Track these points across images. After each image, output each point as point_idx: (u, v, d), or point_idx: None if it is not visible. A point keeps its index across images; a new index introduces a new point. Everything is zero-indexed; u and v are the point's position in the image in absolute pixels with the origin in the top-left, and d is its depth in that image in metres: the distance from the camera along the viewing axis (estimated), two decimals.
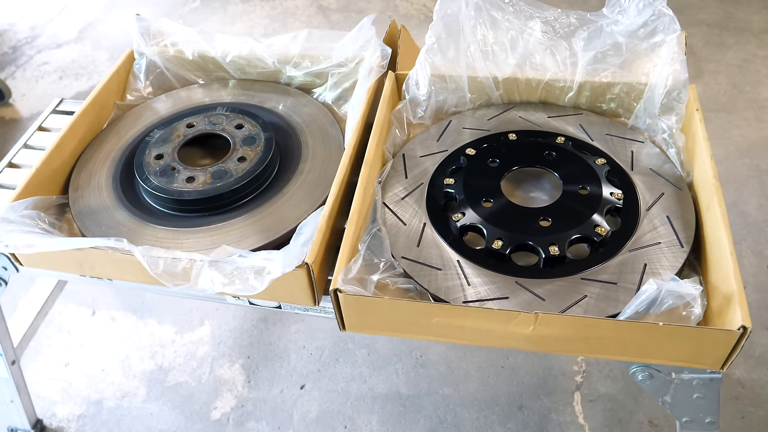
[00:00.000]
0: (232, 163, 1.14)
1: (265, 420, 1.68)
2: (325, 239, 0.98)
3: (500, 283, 0.95)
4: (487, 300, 0.93)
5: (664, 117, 1.12)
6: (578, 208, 1.02)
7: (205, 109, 1.28)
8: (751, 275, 1.92)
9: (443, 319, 0.91)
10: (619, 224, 1.02)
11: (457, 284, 0.96)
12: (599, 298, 0.92)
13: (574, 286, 0.94)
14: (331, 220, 1.00)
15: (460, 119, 1.22)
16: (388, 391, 1.71)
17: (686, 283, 0.86)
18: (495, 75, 1.20)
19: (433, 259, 0.99)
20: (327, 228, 0.99)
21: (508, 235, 0.98)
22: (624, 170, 1.09)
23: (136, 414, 1.71)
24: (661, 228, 1.00)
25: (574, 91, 1.19)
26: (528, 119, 1.20)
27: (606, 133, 1.16)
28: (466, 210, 1.03)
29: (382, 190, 1.10)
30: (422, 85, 1.17)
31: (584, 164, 1.08)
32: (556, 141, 1.13)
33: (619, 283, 0.94)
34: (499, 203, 1.04)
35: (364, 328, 0.97)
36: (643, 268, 0.95)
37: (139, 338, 1.87)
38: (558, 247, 0.96)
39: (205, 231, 1.07)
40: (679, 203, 1.03)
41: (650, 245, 0.98)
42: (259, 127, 1.20)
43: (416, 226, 1.04)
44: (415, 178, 1.12)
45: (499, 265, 0.97)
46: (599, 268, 0.96)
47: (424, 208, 1.06)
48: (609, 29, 1.18)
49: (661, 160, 1.10)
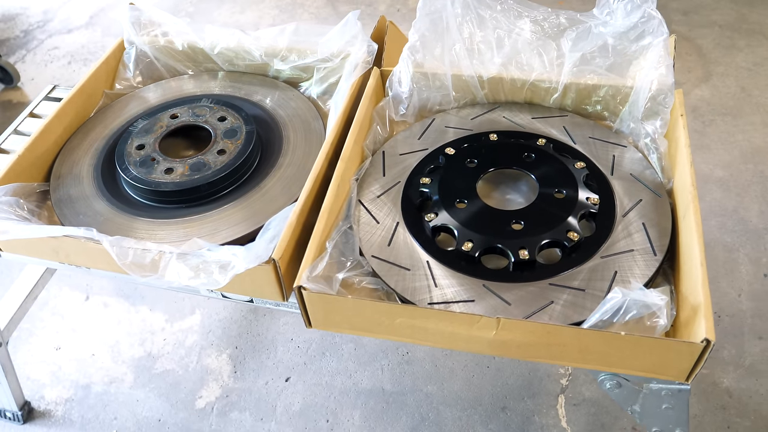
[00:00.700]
0: (212, 155, 1.14)
1: (248, 411, 1.69)
2: (295, 235, 0.98)
3: (468, 285, 0.95)
4: (453, 302, 0.93)
5: (648, 121, 1.10)
6: (552, 211, 1.01)
7: (191, 100, 1.28)
8: (746, 283, 1.89)
9: (406, 320, 0.90)
10: (594, 230, 1.00)
11: (424, 285, 0.95)
12: (566, 304, 0.91)
13: (542, 291, 0.93)
14: (302, 217, 1.00)
15: (443, 118, 1.21)
16: (372, 386, 1.71)
17: (652, 292, 0.85)
18: (480, 74, 1.18)
19: (403, 258, 0.99)
20: (298, 224, 0.98)
21: (478, 238, 0.98)
22: (604, 175, 1.07)
23: (123, 400, 1.73)
24: (636, 235, 0.99)
25: (559, 92, 1.17)
26: (512, 120, 1.18)
27: (589, 136, 1.14)
28: (440, 210, 1.02)
29: (359, 188, 1.09)
30: (404, 82, 1.16)
31: (562, 167, 1.06)
32: (537, 143, 1.12)
33: (588, 290, 0.92)
34: (473, 205, 1.03)
35: (329, 326, 0.97)
36: (613, 276, 0.94)
37: (130, 324, 1.89)
38: (528, 251, 0.95)
39: (180, 223, 1.07)
40: (656, 210, 1.02)
41: (623, 252, 0.96)
42: (241, 120, 1.20)
43: (389, 225, 1.04)
44: (393, 177, 1.11)
45: (468, 268, 0.96)
46: (569, 274, 0.95)
47: (399, 207, 1.06)
48: (597, 30, 1.16)
49: (643, 166, 1.09)
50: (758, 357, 1.71)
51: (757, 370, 1.67)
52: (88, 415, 1.70)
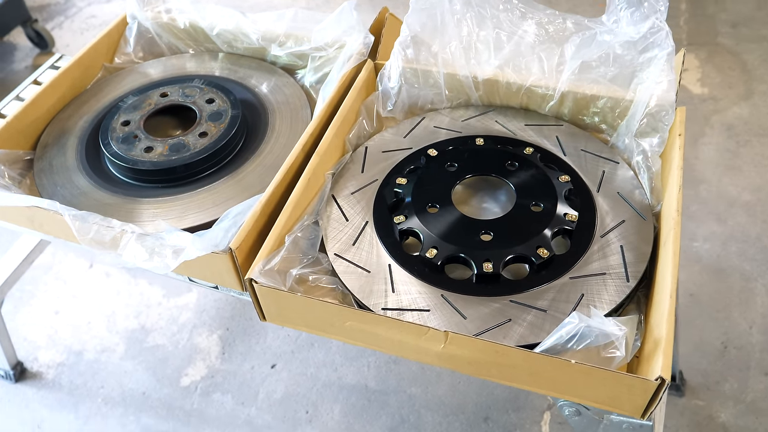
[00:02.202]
0: (193, 137, 1.13)
1: (231, 393, 1.69)
2: (258, 226, 0.96)
3: (426, 294, 0.91)
4: (406, 310, 0.89)
5: (645, 139, 1.04)
6: (525, 225, 0.96)
7: (184, 79, 1.27)
8: (759, 315, 1.79)
9: (357, 323, 0.87)
10: (569, 247, 0.96)
11: (382, 289, 0.92)
12: (524, 324, 0.87)
13: (502, 308, 0.89)
14: (268, 208, 0.98)
15: (433, 117, 1.17)
16: (356, 382, 1.69)
17: (611, 321, 0.80)
18: (475, 74, 1.14)
19: (366, 260, 0.96)
20: (263, 215, 0.96)
21: (443, 245, 0.94)
22: (589, 190, 1.02)
23: (112, 369, 1.75)
24: (611, 258, 0.93)
25: (556, 99, 1.12)
26: (504, 125, 1.14)
27: (581, 149, 1.09)
28: (410, 214, 0.99)
29: (335, 183, 1.07)
30: (393, 77, 1.13)
31: (544, 179, 1.01)
32: (524, 151, 1.07)
33: (549, 312, 0.88)
34: (445, 210, 0.99)
35: (283, 321, 0.95)
36: (578, 299, 0.89)
37: (129, 296, 1.91)
38: (493, 264, 0.91)
39: (152, 203, 1.07)
40: (638, 234, 0.96)
41: (595, 275, 0.91)
42: (228, 104, 1.18)
43: (358, 224, 1.01)
44: (372, 174, 1.08)
45: (430, 276, 0.93)
46: (534, 292, 0.90)
47: (371, 207, 1.03)
48: (602, 38, 1.10)
49: (633, 185, 1.03)
50: (761, 394, 1.62)
51: (759, 408, 1.59)
52: (76, 381, 1.73)
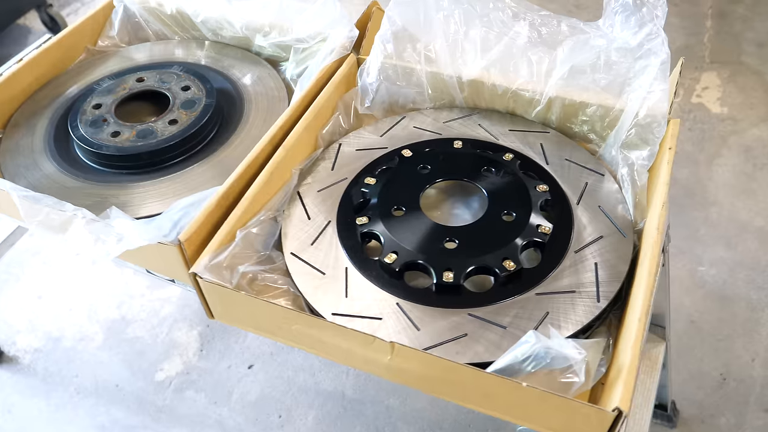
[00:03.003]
0: (162, 123, 1.09)
1: (204, 392, 1.65)
2: (212, 219, 0.91)
3: (381, 301, 0.86)
4: (358, 317, 0.84)
5: (632, 151, 0.98)
6: (494, 234, 0.90)
7: (163, 65, 1.23)
8: (764, 348, 1.70)
9: (303, 328, 0.82)
10: (539, 261, 0.89)
11: (335, 293, 0.87)
12: (481, 340, 0.81)
13: (460, 321, 0.83)
14: (226, 201, 0.93)
15: (414, 117, 1.11)
16: (333, 389, 1.64)
17: (570, 343, 0.74)
18: (460, 75, 1.08)
19: (323, 261, 0.91)
20: (219, 207, 0.92)
21: (404, 251, 0.88)
22: (569, 202, 0.96)
23: (87, 359, 1.72)
24: (584, 275, 0.87)
25: (543, 104, 1.05)
26: (487, 129, 1.08)
27: (566, 158, 1.02)
28: (374, 215, 0.93)
29: (303, 179, 1.02)
30: (372, 73, 1.08)
31: (521, 187, 0.95)
32: (503, 157, 1.01)
33: (509, 329, 0.82)
34: (411, 214, 0.93)
35: (231, 320, 0.90)
36: (542, 317, 0.83)
37: (113, 285, 1.88)
38: (454, 274, 0.85)
39: (111, 188, 1.03)
40: (616, 251, 0.89)
41: (563, 292, 0.85)
42: (204, 92, 1.14)
43: (320, 223, 0.95)
44: (342, 173, 1.03)
45: (387, 282, 0.87)
46: (496, 307, 0.84)
47: (336, 206, 0.97)
48: (595, 42, 1.04)
49: (616, 200, 0.96)
50: (759, 431, 1.53)
51: None
52: (51, 369, 1.70)
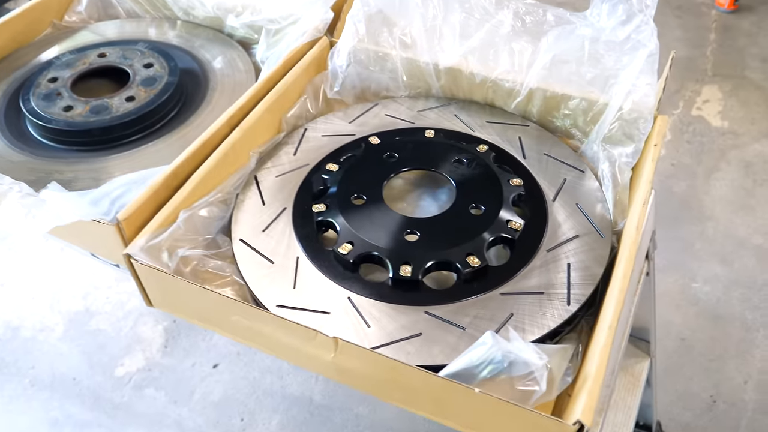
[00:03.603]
0: (119, 100, 1.02)
1: (164, 390, 1.57)
2: (158, 199, 0.84)
3: (332, 294, 0.78)
4: (304, 310, 0.77)
5: (615, 147, 0.91)
6: (460, 228, 0.83)
7: (129, 42, 1.17)
8: (756, 370, 1.62)
9: (242, 319, 0.75)
10: (508, 259, 0.82)
11: (283, 284, 0.80)
12: (436, 340, 0.74)
13: (415, 319, 0.76)
14: (175, 181, 0.86)
15: (387, 105, 1.05)
16: (301, 394, 1.56)
17: (530, 348, 0.66)
18: (437, 62, 1.02)
19: (272, 249, 0.84)
20: (166, 188, 0.85)
21: (359, 241, 0.81)
22: (544, 199, 0.89)
23: (46, 350, 1.65)
24: (555, 276, 0.80)
25: (523, 96, 0.99)
26: (463, 120, 1.01)
27: (545, 153, 0.95)
28: (332, 203, 0.86)
29: (262, 163, 0.95)
30: (342, 55, 1.01)
31: (493, 180, 0.88)
32: (477, 148, 0.94)
33: (468, 330, 0.74)
34: (371, 203, 0.86)
35: (171, 308, 0.83)
36: (506, 319, 0.75)
37: (79, 275, 1.81)
38: (412, 268, 0.78)
39: (59, 164, 0.97)
40: (591, 252, 0.82)
41: (531, 293, 0.78)
42: (167, 70, 1.07)
43: (274, 210, 0.88)
44: (304, 158, 0.96)
45: (341, 275, 0.80)
46: (456, 306, 0.77)
47: (294, 193, 0.91)
48: (582, 33, 0.98)
49: (596, 198, 0.89)
50: None
51: None
52: (7, 359, 1.63)
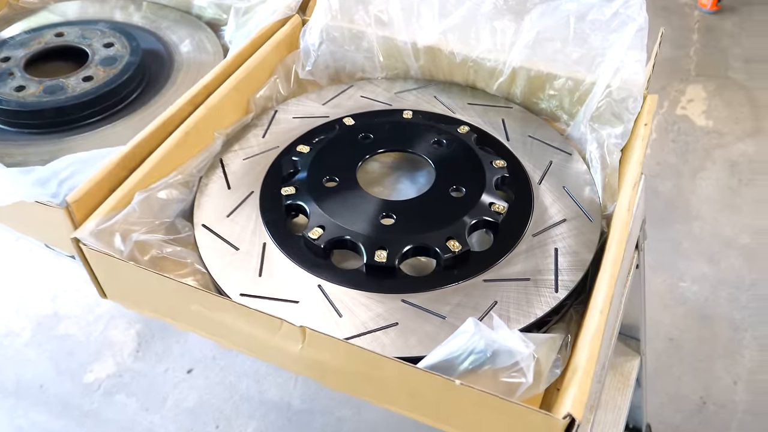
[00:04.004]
0: (75, 80, 0.96)
1: (135, 397, 1.49)
2: (112, 181, 0.77)
3: (301, 282, 0.72)
4: (271, 299, 0.71)
5: (603, 127, 0.86)
6: (439, 212, 0.77)
7: (89, 23, 1.10)
8: (746, 370, 1.58)
9: (201, 308, 0.68)
10: (491, 244, 0.77)
11: (249, 271, 0.74)
12: (414, 330, 0.68)
13: (392, 307, 0.70)
14: (132, 162, 0.80)
15: (362, 87, 0.99)
16: (279, 399, 1.49)
17: (516, 336, 0.61)
18: (415, 41, 0.96)
19: (237, 235, 0.77)
20: (122, 169, 0.78)
21: (331, 225, 0.75)
22: (529, 181, 0.83)
23: (11, 356, 1.57)
24: (541, 262, 0.74)
25: (506, 75, 0.93)
26: (443, 101, 0.96)
27: (529, 135, 0.90)
28: (302, 185, 0.80)
29: (228, 145, 0.89)
30: (314, 32, 0.95)
31: (475, 162, 0.83)
32: (458, 130, 0.88)
33: (449, 319, 0.69)
34: (344, 186, 0.80)
35: (125, 300, 0.77)
36: (489, 307, 0.69)
37: (48, 277, 1.73)
38: (388, 253, 0.72)
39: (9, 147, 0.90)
40: (579, 237, 0.77)
41: (515, 279, 0.72)
42: (128, 50, 1.01)
43: (241, 194, 0.82)
44: (274, 141, 0.90)
45: (311, 261, 0.74)
46: (435, 294, 0.71)
47: (263, 176, 0.84)
48: (567, 9, 0.93)
49: (584, 181, 0.84)
50: None
51: None
52: None
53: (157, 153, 0.79)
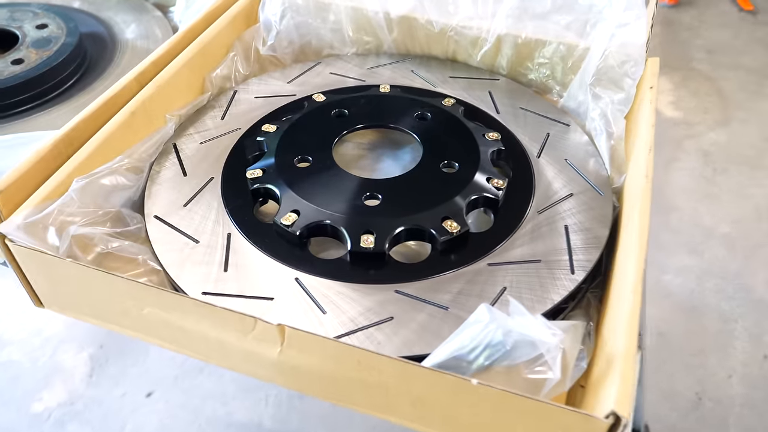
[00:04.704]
0: (3, 63, 0.84)
1: (90, 425, 1.35)
2: (46, 169, 0.65)
3: (275, 276, 0.61)
4: (239, 297, 0.59)
5: (604, 94, 0.77)
6: (431, 189, 0.67)
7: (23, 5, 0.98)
8: (740, 363, 1.51)
9: (157, 311, 0.57)
10: (492, 224, 0.67)
11: (210, 267, 0.62)
12: (412, 325, 0.57)
13: (385, 300, 0.59)
14: (69, 148, 0.68)
15: (331, 63, 0.89)
16: (249, 420, 1.36)
17: (540, 322, 0.51)
18: (387, 10, 0.87)
19: (197, 226, 0.66)
20: (56, 154, 0.66)
21: (307, 209, 0.64)
22: (526, 155, 0.74)
23: None
24: (551, 241, 0.65)
25: (490, 44, 0.85)
26: (422, 76, 0.86)
27: (521, 107, 0.81)
28: (270, 166, 0.70)
29: (183, 128, 0.78)
30: (275, 5, 0.85)
31: (466, 135, 0.74)
32: (443, 102, 0.79)
33: (452, 310, 0.58)
34: (319, 165, 0.70)
35: (63, 307, 0.64)
36: (498, 294, 0.60)
37: None
38: (375, 238, 0.62)
39: None
40: (590, 212, 0.68)
41: (525, 262, 0.63)
42: (64, 31, 0.89)
43: (199, 181, 0.71)
44: (235, 122, 0.79)
45: (285, 251, 0.63)
46: (433, 281, 0.61)
47: (224, 161, 0.73)
48: None
49: (587, 152, 0.75)
50: None
51: None
52: None
53: (99, 135, 0.67)
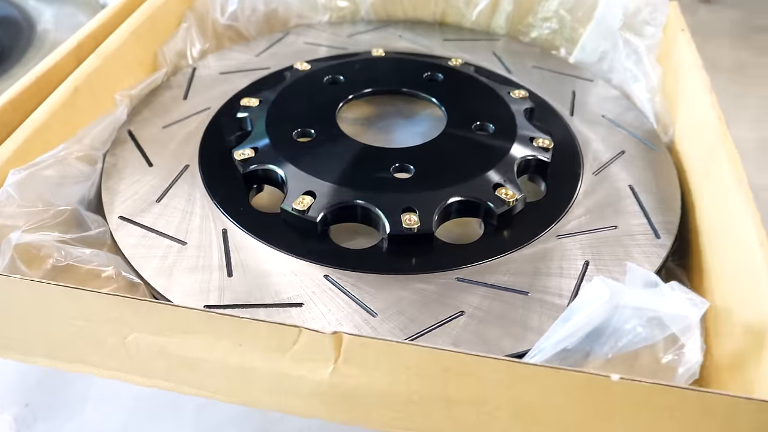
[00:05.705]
0: None
1: None
2: None
3: (299, 276, 0.47)
4: (257, 306, 0.45)
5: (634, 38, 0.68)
6: (469, 155, 0.55)
7: None
8: None
9: (147, 336, 0.41)
10: (545, 193, 0.55)
11: (209, 273, 0.47)
12: (490, 318, 0.44)
13: (443, 291, 0.46)
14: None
15: (303, 33, 0.76)
16: None
17: (679, 292, 0.39)
18: None
19: (178, 225, 0.51)
20: None
21: (325, 189, 0.51)
22: (558, 114, 0.64)
23: None
24: (618, 205, 0.54)
25: (487, 2, 0.74)
26: (412, 40, 0.74)
27: (533, 66, 0.71)
28: (263, 145, 0.55)
29: (137, 112, 0.62)
30: None
31: (491, 95, 0.62)
32: (450, 63, 0.67)
33: (533, 294, 0.46)
34: (325, 137, 0.56)
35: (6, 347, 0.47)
36: (582, 269, 0.48)
37: None
38: (420, 216, 0.49)
39: None
40: (650, 168, 0.58)
41: (598, 230, 0.51)
42: None
43: (170, 171, 0.56)
44: (202, 101, 0.64)
45: (306, 244, 0.49)
46: (497, 262, 0.48)
47: (197, 145, 0.58)
48: None
49: (622, 107, 0.66)
50: None
51: None
52: None
53: (36, 116, 0.51)
